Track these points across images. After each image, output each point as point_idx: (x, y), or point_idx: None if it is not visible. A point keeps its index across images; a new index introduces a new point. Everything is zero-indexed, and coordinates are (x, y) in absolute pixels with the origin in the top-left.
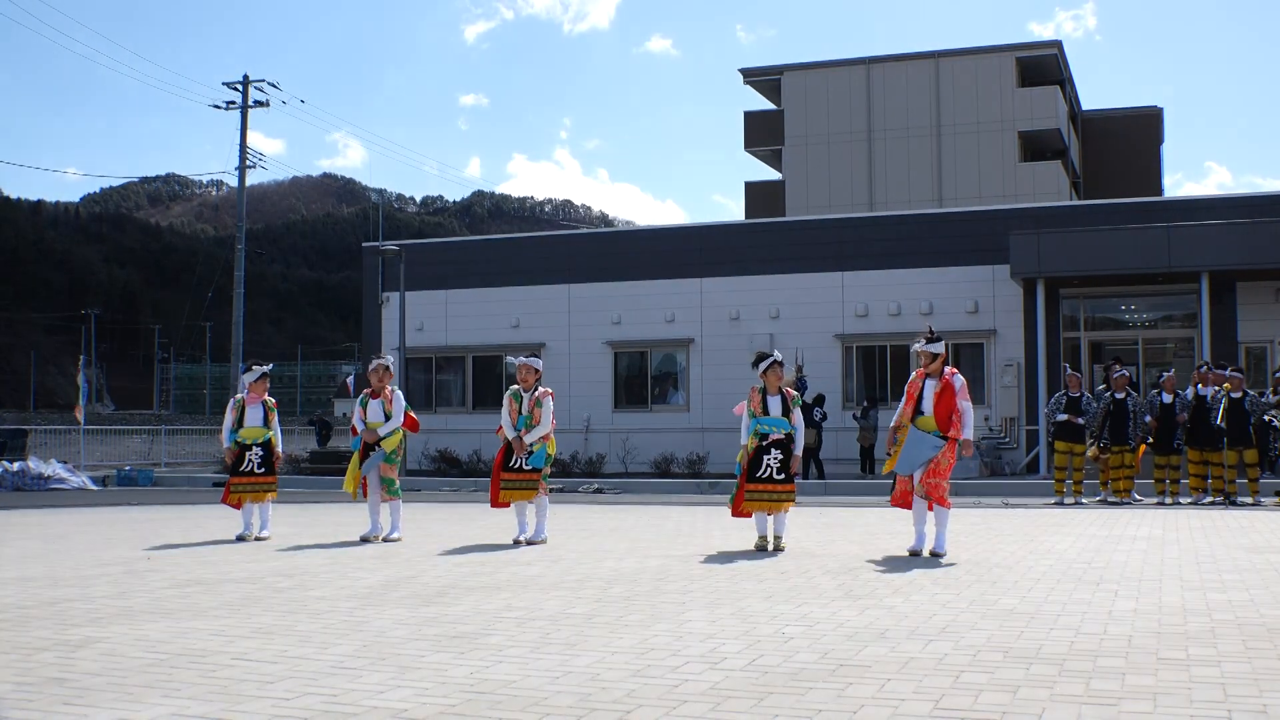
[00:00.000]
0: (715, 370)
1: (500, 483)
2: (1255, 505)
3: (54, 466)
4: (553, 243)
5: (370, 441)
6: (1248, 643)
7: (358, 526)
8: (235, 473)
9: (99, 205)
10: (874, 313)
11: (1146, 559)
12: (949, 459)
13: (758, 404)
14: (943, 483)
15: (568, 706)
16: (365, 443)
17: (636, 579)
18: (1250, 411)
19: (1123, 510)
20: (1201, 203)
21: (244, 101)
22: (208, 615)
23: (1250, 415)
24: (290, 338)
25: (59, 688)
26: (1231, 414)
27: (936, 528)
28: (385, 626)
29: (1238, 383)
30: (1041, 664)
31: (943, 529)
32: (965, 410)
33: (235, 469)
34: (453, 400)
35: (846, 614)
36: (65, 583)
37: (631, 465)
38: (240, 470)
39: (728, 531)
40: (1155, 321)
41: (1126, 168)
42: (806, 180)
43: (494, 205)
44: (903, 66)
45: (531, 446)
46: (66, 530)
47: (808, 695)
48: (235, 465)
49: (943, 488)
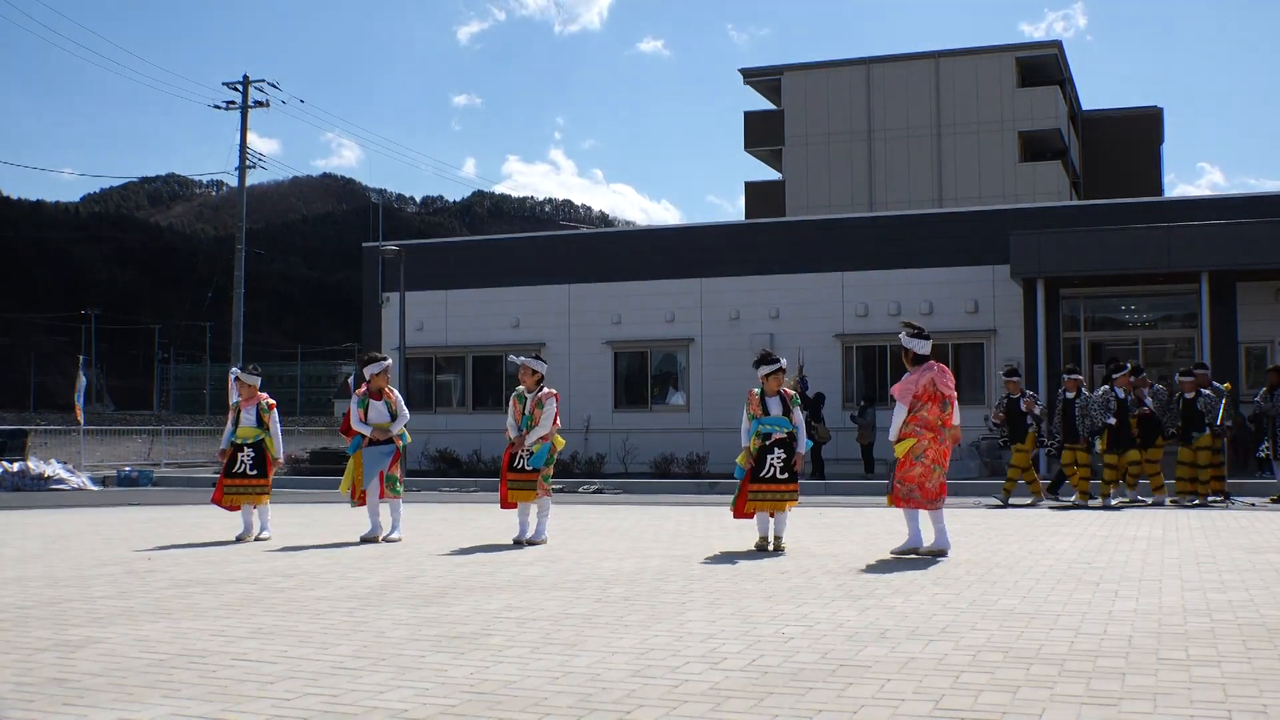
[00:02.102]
0: (715, 370)
1: (507, 483)
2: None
3: (54, 466)
4: (553, 243)
5: (381, 439)
6: (1248, 643)
7: (358, 527)
8: (228, 474)
9: (99, 205)
10: (874, 313)
11: (1146, 559)
12: (901, 458)
13: (756, 406)
14: (895, 483)
15: (568, 707)
16: (370, 441)
17: (637, 579)
18: (1204, 411)
19: (1123, 510)
20: (1202, 203)
21: (244, 101)
22: (208, 615)
23: (1204, 415)
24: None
25: (59, 688)
26: (1185, 414)
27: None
28: (385, 627)
29: (1189, 384)
30: (1041, 664)
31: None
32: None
33: (228, 470)
34: (453, 400)
35: (846, 614)
36: (65, 583)
37: (631, 465)
38: (232, 471)
39: (728, 531)
40: (1155, 321)
41: (1126, 168)
42: (806, 180)
43: (494, 205)
44: (903, 66)
45: (531, 447)
46: (66, 530)
47: (808, 695)
48: (228, 466)
49: (896, 489)
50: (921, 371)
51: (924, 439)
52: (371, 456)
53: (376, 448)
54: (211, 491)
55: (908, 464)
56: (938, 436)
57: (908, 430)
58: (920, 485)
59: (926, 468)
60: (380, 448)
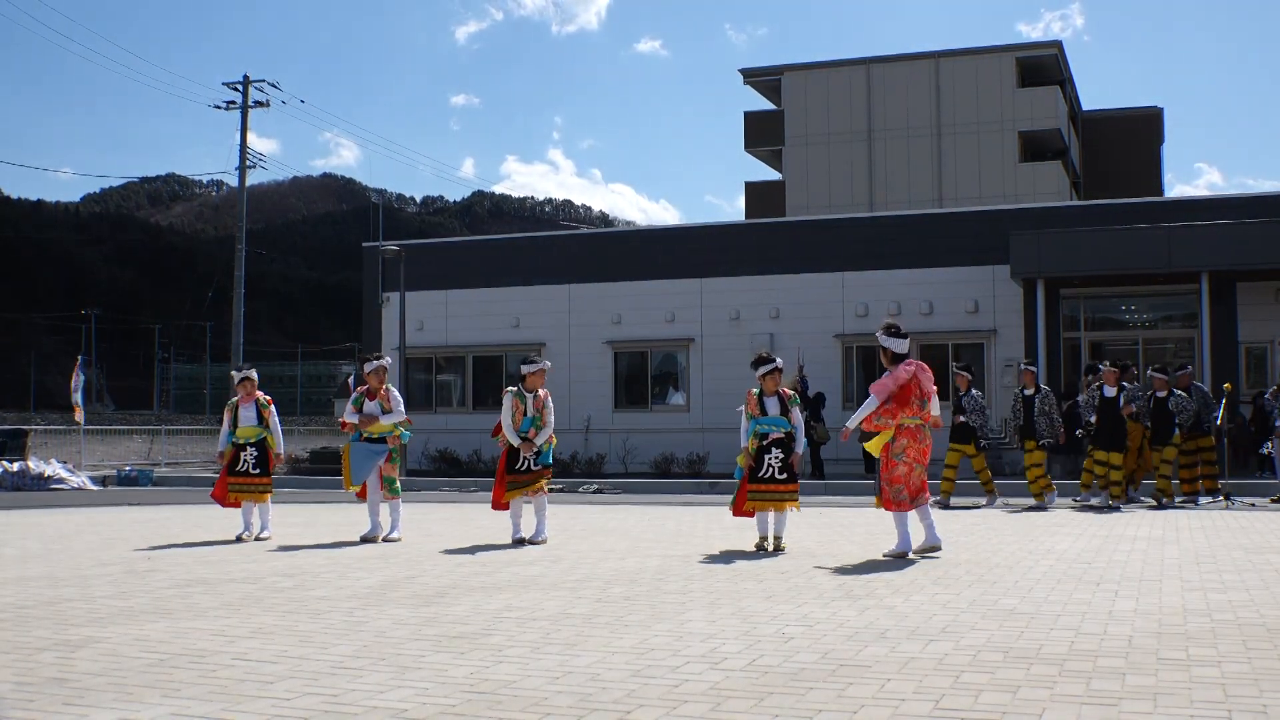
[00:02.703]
0: (715, 370)
1: (505, 485)
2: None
3: (54, 466)
4: (553, 243)
5: (371, 430)
6: (1248, 643)
7: (358, 526)
8: (231, 472)
9: (99, 205)
10: (874, 313)
11: (1146, 559)
12: (883, 459)
13: (754, 406)
14: (883, 485)
15: (568, 706)
16: (364, 438)
17: (637, 579)
18: (1175, 412)
19: (1122, 511)
20: (1202, 203)
21: (244, 101)
22: (208, 615)
23: (1175, 415)
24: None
25: (59, 688)
26: (1156, 414)
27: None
28: (385, 626)
29: (1161, 382)
30: (1041, 664)
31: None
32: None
33: (231, 468)
34: (453, 400)
35: (846, 614)
36: (65, 583)
37: (631, 465)
38: (236, 470)
39: (728, 531)
40: (1155, 321)
41: (1126, 168)
42: (806, 180)
43: (494, 205)
44: (903, 66)
45: (541, 446)
46: (66, 530)
47: (808, 695)
48: (231, 464)
49: (885, 491)
50: (901, 369)
51: (902, 437)
52: (362, 452)
53: (367, 445)
54: (211, 488)
55: (891, 464)
56: (917, 435)
57: (881, 424)
58: (906, 484)
59: (909, 466)
60: (372, 445)
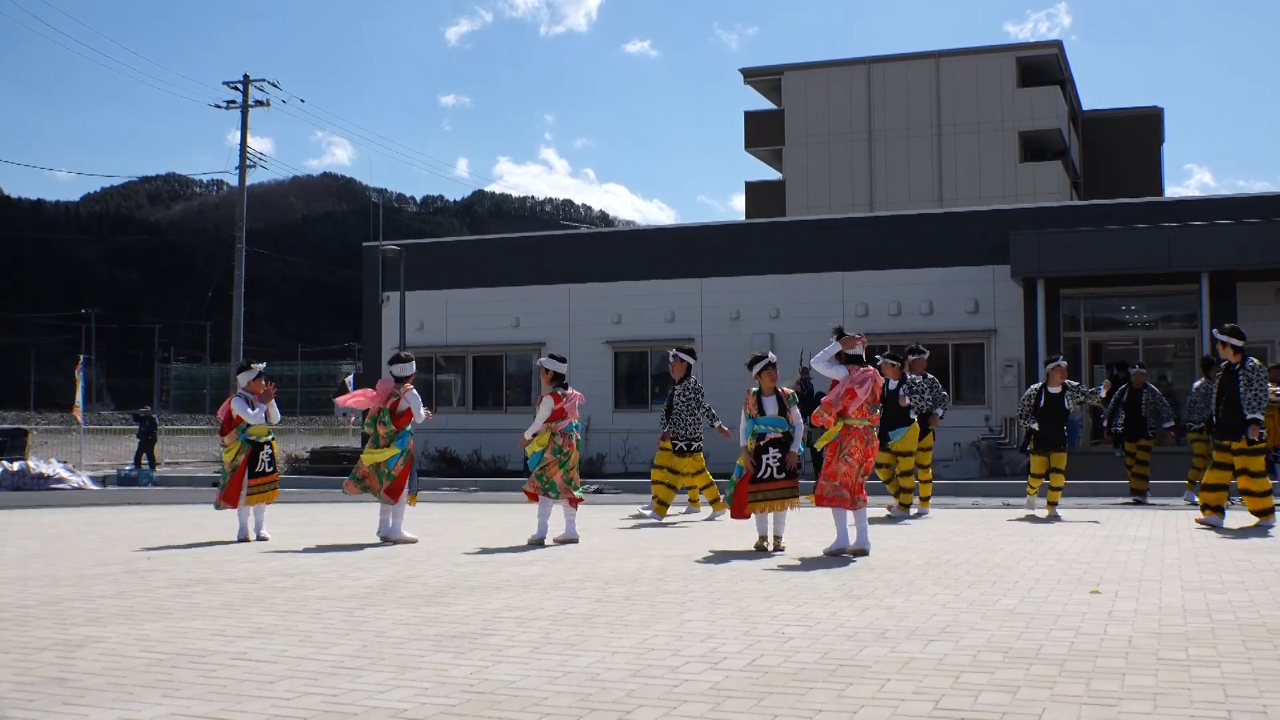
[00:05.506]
0: (715, 370)
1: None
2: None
3: (54, 466)
4: (553, 243)
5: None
6: (1248, 643)
7: (357, 526)
8: (252, 473)
9: (99, 205)
10: (874, 313)
11: (1146, 559)
12: (828, 456)
13: (753, 405)
14: (820, 480)
15: (568, 706)
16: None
17: (636, 579)
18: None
19: (1121, 511)
20: (1202, 203)
21: (244, 101)
22: (208, 615)
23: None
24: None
25: (59, 688)
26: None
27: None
28: (385, 626)
29: (1141, 377)
30: (1041, 664)
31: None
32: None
33: (251, 469)
34: (453, 400)
35: (846, 614)
36: (65, 583)
37: (631, 465)
38: (255, 471)
39: (728, 531)
40: (1155, 321)
41: (1126, 168)
42: (806, 180)
43: (494, 205)
44: (903, 66)
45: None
46: (66, 530)
47: (808, 695)
48: (250, 465)
49: (821, 486)
50: (858, 376)
51: (850, 438)
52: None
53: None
54: (216, 494)
55: (834, 461)
56: (864, 438)
57: (828, 420)
58: (845, 483)
59: (851, 467)
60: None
